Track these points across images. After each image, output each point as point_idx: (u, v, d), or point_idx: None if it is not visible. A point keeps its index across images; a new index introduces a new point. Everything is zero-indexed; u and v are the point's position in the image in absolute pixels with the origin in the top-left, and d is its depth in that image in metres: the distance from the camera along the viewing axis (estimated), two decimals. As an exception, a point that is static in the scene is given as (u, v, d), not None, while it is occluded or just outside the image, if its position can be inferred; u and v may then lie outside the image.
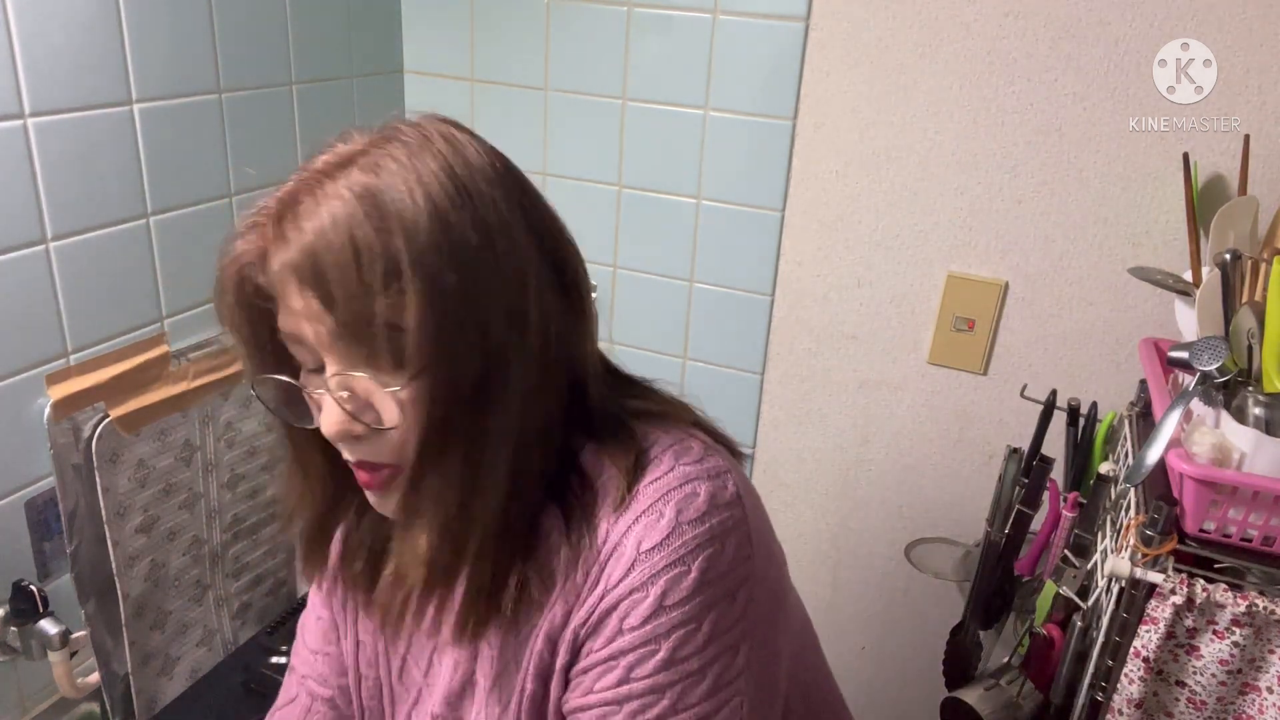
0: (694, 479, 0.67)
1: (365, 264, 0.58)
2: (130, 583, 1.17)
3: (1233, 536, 0.90)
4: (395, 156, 0.61)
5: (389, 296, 0.58)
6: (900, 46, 1.24)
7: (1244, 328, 0.94)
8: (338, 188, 0.60)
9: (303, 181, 0.62)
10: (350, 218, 0.59)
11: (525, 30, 1.43)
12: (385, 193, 0.60)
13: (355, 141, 0.64)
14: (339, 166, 0.62)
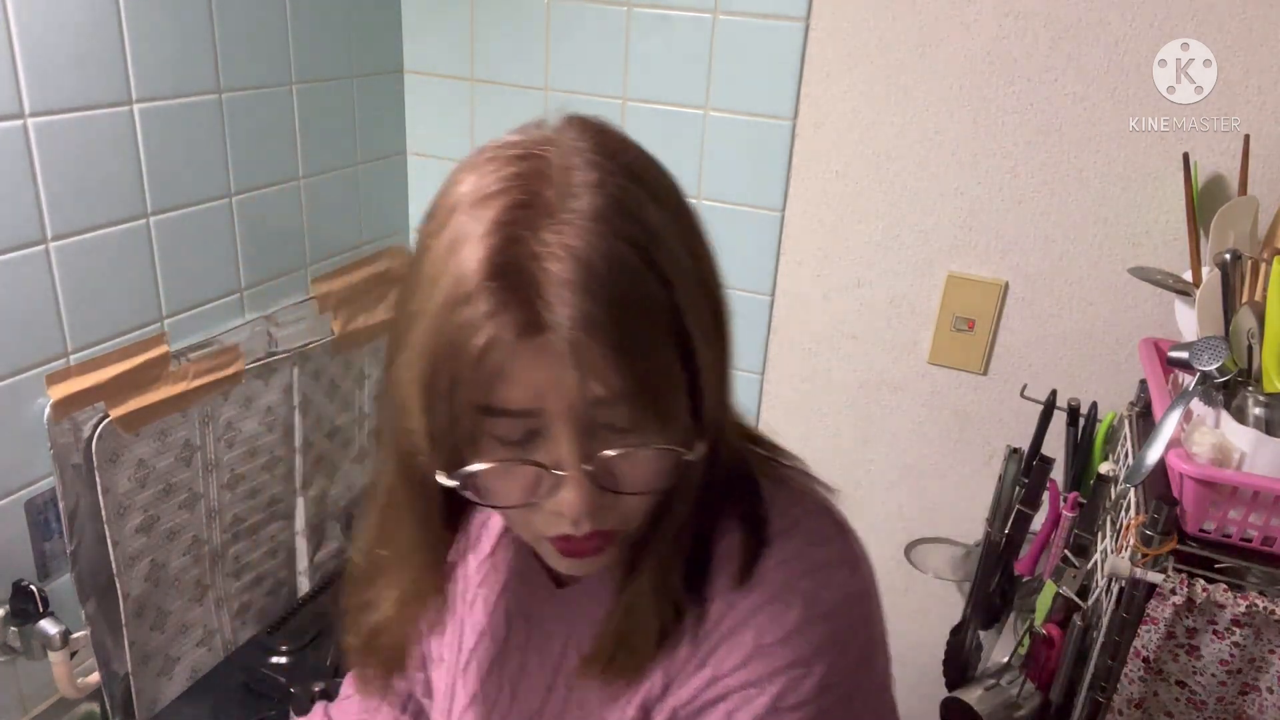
0: (824, 567, 0.61)
1: (655, 313, 0.52)
2: (130, 583, 1.17)
3: (1233, 536, 0.90)
4: (628, 184, 0.54)
5: (679, 347, 0.53)
6: (900, 46, 1.24)
7: (1244, 328, 0.94)
8: (589, 226, 0.51)
9: (505, 220, 0.52)
10: (624, 260, 0.51)
11: (525, 30, 1.43)
12: (648, 228, 0.53)
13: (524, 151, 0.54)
14: (566, 197, 0.52)
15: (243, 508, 1.35)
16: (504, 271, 0.50)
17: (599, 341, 0.50)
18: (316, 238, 1.40)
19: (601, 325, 0.50)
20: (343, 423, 1.52)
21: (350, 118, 1.43)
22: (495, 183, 0.53)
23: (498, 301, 0.50)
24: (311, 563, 1.49)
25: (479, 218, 0.52)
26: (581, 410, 0.52)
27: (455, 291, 0.51)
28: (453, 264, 0.51)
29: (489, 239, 0.51)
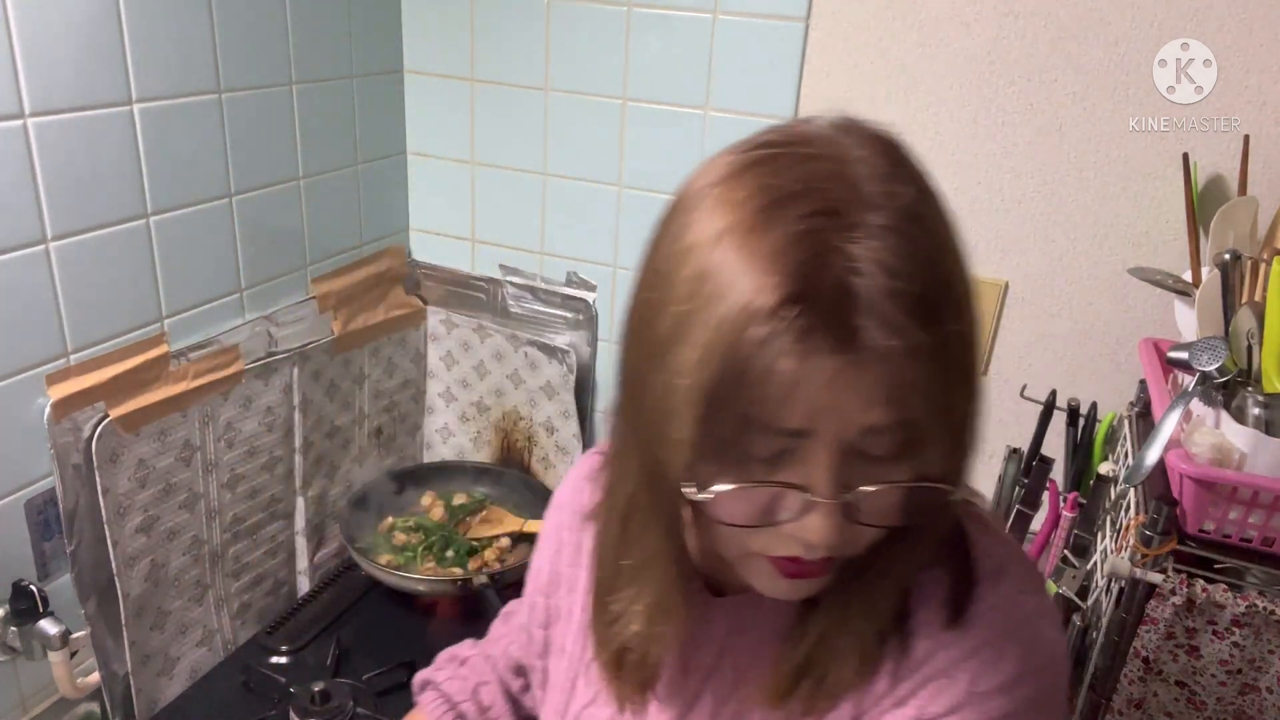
0: (1036, 618, 0.59)
1: (957, 334, 0.49)
2: (130, 583, 1.17)
3: (1232, 537, 0.90)
4: (922, 195, 0.51)
5: (968, 372, 0.51)
6: (900, 46, 1.24)
7: (1244, 328, 0.94)
8: (896, 240, 0.47)
9: (807, 228, 0.48)
10: (930, 275, 0.48)
11: (525, 30, 1.43)
12: (941, 242, 0.50)
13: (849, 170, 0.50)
14: (868, 207, 0.48)
15: (243, 508, 1.35)
16: (813, 286, 0.46)
17: (914, 363, 0.47)
18: (316, 238, 1.40)
19: (919, 346, 0.47)
20: (343, 423, 1.52)
21: (350, 118, 1.43)
22: (791, 183, 0.49)
23: (805, 319, 0.46)
24: (311, 563, 1.49)
25: (775, 221, 0.48)
26: (854, 437, 0.49)
27: (752, 303, 0.47)
28: (745, 271, 0.47)
29: (793, 249, 0.47)
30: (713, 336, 0.48)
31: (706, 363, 0.48)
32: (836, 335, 0.46)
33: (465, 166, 1.55)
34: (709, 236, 0.49)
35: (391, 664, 1.30)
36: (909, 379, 0.47)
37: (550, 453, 1.62)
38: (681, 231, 0.52)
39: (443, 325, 1.64)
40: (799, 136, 0.52)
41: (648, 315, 0.53)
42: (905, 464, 0.51)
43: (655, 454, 0.54)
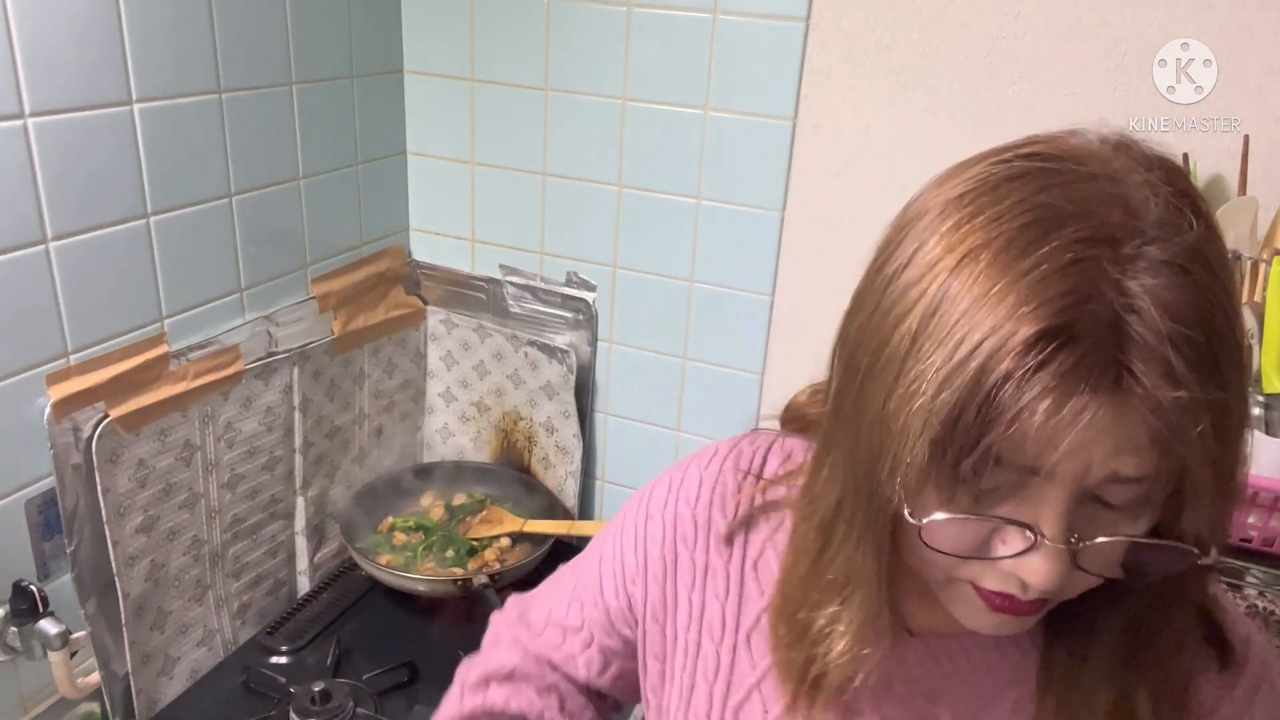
0: (1260, 633, 0.60)
1: (1235, 388, 0.46)
2: (130, 583, 1.17)
3: (1232, 537, 0.90)
4: (1206, 231, 0.46)
5: (1236, 428, 0.48)
6: (900, 46, 1.24)
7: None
8: (1178, 276, 0.44)
9: (1078, 257, 0.44)
10: (1213, 319, 0.44)
11: (525, 30, 1.43)
12: (1225, 285, 0.46)
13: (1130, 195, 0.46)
14: (1149, 238, 0.45)
15: (243, 508, 1.35)
16: (1081, 321, 0.43)
17: (1185, 417, 0.43)
18: (316, 238, 1.40)
19: (1195, 401, 0.43)
20: (343, 423, 1.52)
21: (350, 118, 1.43)
22: (1063, 202, 0.45)
23: (1068, 357, 0.43)
24: (311, 563, 1.49)
25: (1039, 243, 0.44)
26: (1095, 483, 0.46)
27: (1006, 333, 0.43)
28: (1001, 297, 0.44)
29: (1059, 277, 0.43)
30: (960, 361, 0.45)
31: (949, 388, 0.45)
32: (1102, 376, 0.43)
33: (465, 166, 1.55)
34: (961, 251, 0.46)
35: (391, 664, 1.30)
36: (1175, 433, 0.44)
37: (550, 453, 1.62)
38: (927, 238, 0.49)
39: (443, 325, 1.64)
40: (1072, 151, 0.48)
41: (883, 321, 0.50)
42: (1144, 517, 0.48)
43: (875, 469, 0.50)
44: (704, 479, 0.71)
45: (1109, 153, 0.48)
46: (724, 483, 0.71)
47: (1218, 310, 0.44)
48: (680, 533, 0.70)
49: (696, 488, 0.71)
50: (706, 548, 0.69)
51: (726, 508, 0.69)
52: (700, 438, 1.53)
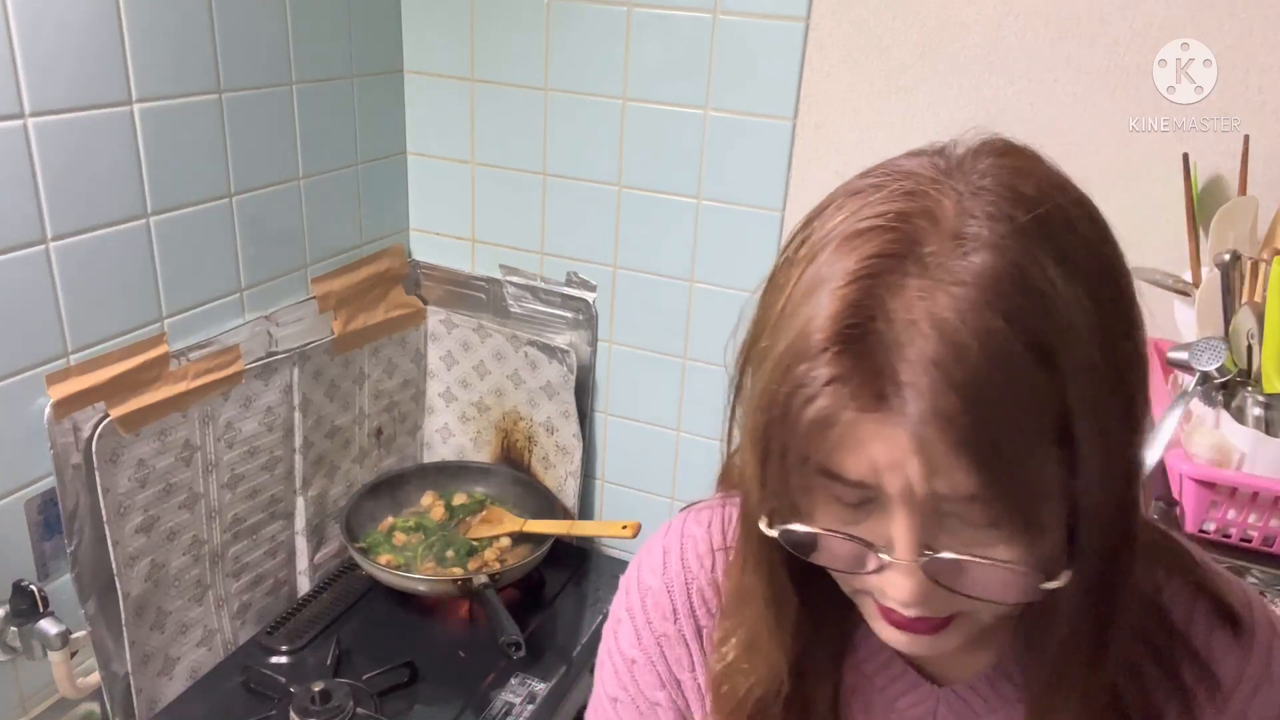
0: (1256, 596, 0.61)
1: (1032, 413, 0.42)
2: (130, 583, 1.17)
3: (1232, 537, 0.90)
4: (1013, 219, 0.44)
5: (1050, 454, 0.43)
6: (900, 46, 1.24)
7: (1243, 328, 0.94)
8: (969, 295, 0.42)
9: (868, 274, 0.44)
10: (1003, 344, 0.42)
11: (525, 30, 1.43)
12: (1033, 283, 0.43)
13: (914, 190, 0.47)
14: (950, 253, 0.43)
15: (243, 508, 1.35)
16: (853, 334, 0.43)
17: (950, 440, 0.42)
18: (316, 238, 1.40)
19: (956, 422, 0.42)
20: (343, 423, 1.52)
21: (350, 118, 1.43)
22: (872, 219, 0.45)
23: (840, 367, 0.43)
24: (311, 563, 1.49)
25: (842, 258, 0.45)
26: (924, 499, 0.45)
27: (800, 344, 0.44)
28: (805, 309, 0.45)
29: (846, 290, 0.44)
30: (768, 370, 0.46)
31: (760, 397, 0.46)
32: (871, 393, 0.43)
33: (465, 166, 1.55)
34: (797, 271, 0.47)
35: (391, 664, 1.30)
36: (946, 453, 0.42)
37: (550, 453, 1.62)
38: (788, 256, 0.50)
39: (443, 325, 1.64)
40: (913, 164, 0.49)
41: (755, 333, 0.51)
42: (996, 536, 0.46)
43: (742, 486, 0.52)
44: (666, 547, 0.67)
45: (956, 163, 0.48)
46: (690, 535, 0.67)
47: (1019, 330, 0.42)
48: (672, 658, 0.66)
49: (661, 557, 0.67)
50: (691, 611, 0.66)
51: (703, 558, 0.65)
52: (700, 438, 1.53)
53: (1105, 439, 0.44)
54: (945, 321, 0.42)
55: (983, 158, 0.48)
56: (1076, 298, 0.43)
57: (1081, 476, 0.44)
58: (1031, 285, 0.43)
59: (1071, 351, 0.43)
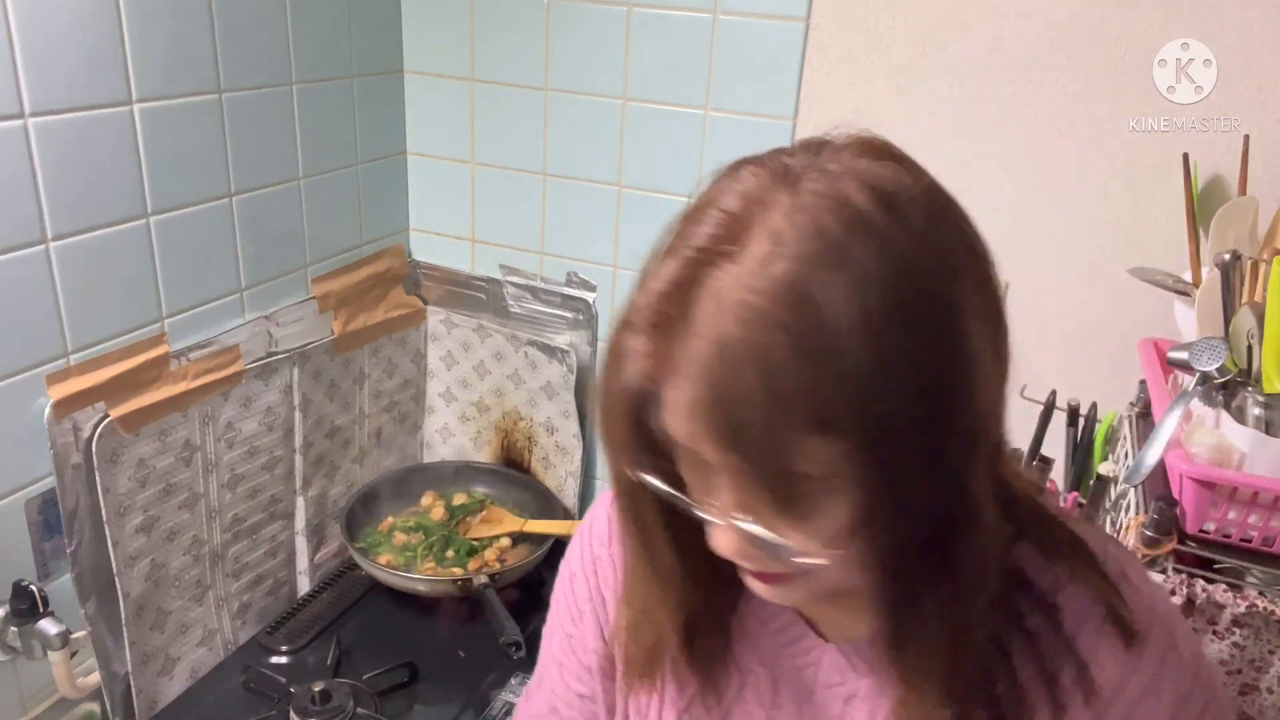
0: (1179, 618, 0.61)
1: (786, 405, 0.45)
2: (130, 583, 1.17)
3: (1233, 537, 0.90)
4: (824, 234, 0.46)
5: (816, 448, 0.46)
6: (900, 46, 1.24)
7: (1244, 328, 0.94)
8: (745, 280, 0.46)
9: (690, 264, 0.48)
10: (766, 338, 0.45)
11: (525, 30, 1.43)
12: (812, 298, 0.45)
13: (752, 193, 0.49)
14: (736, 238, 0.47)
15: (243, 508, 1.35)
16: (664, 316, 0.48)
17: (707, 426, 0.47)
18: (316, 238, 1.40)
19: (712, 411, 0.46)
20: (343, 423, 1.52)
21: (350, 118, 1.43)
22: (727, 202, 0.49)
23: (649, 343, 0.49)
24: (311, 563, 1.49)
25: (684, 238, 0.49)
26: (716, 479, 0.51)
27: (629, 314, 0.50)
28: (647, 282, 0.50)
29: (673, 271, 0.48)
30: (610, 330, 0.52)
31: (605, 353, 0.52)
32: (665, 374, 0.48)
33: (465, 166, 1.55)
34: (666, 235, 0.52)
35: (391, 664, 1.30)
36: (710, 445, 0.48)
37: (550, 453, 1.62)
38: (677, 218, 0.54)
39: (443, 325, 1.64)
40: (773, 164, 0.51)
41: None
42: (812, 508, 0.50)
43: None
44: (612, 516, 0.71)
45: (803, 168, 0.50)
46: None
47: (792, 340, 0.45)
48: (601, 576, 0.73)
49: (607, 527, 0.73)
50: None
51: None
52: (700, 438, 1.53)
53: (887, 436, 0.46)
54: (723, 327, 0.45)
55: (836, 161, 0.50)
56: (867, 315, 0.45)
57: (865, 469, 0.47)
58: (812, 301, 0.45)
59: (841, 362, 0.45)
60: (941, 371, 0.48)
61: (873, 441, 0.46)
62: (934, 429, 0.48)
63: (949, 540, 0.51)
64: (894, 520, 0.49)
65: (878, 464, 0.47)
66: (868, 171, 0.49)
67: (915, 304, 0.47)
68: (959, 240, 0.52)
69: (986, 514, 0.52)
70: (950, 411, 0.49)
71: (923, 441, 0.48)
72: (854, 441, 0.46)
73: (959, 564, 0.52)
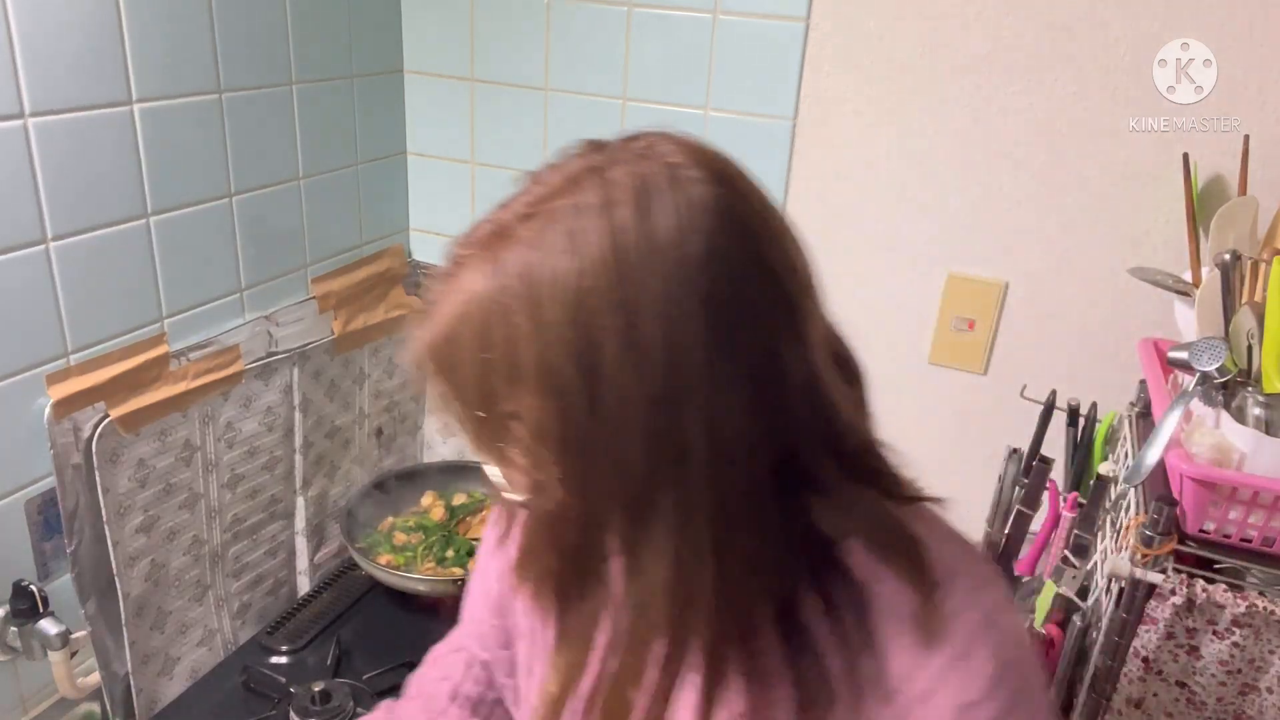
0: (995, 611, 0.60)
1: (492, 366, 0.54)
2: (130, 583, 1.17)
3: (1232, 537, 0.90)
4: (564, 223, 0.53)
5: (511, 404, 0.55)
6: (900, 46, 1.24)
7: (1244, 328, 0.94)
8: (488, 263, 0.54)
9: (463, 248, 0.56)
10: (486, 309, 0.53)
11: (525, 30, 1.43)
12: (531, 280, 0.52)
13: (539, 188, 0.55)
14: (502, 231, 0.55)
15: (243, 508, 1.35)
16: (430, 295, 0.58)
17: (436, 381, 0.57)
18: (316, 238, 1.40)
19: (435, 381, 0.57)
20: (343, 423, 1.52)
21: (350, 118, 1.43)
22: (524, 181, 0.57)
23: (431, 290, 0.58)
24: (311, 563, 1.49)
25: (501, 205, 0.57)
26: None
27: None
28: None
29: (452, 254, 0.57)
30: None
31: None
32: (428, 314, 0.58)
33: (465, 166, 1.55)
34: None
35: (391, 664, 1.30)
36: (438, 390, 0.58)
37: (550, 453, 1.62)
38: None
39: (443, 325, 1.64)
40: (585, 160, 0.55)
41: None
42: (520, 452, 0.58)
43: None
44: None
45: (596, 165, 0.54)
46: None
47: (520, 311, 0.52)
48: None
49: None
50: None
51: None
52: (700, 438, 1.53)
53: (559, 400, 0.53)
54: (465, 289, 0.54)
55: (621, 163, 0.54)
56: (554, 323, 0.52)
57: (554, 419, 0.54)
58: (497, 310, 0.53)
59: (519, 357, 0.53)
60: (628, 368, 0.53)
61: (555, 414, 0.54)
62: (609, 421, 0.53)
63: (656, 488, 0.55)
64: (590, 469, 0.55)
65: (567, 417, 0.54)
66: (639, 166, 0.53)
67: (624, 287, 0.52)
68: (689, 234, 0.53)
69: (703, 469, 0.54)
70: (628, 412, 0.53)
71: (598, 434, 0.54)
72: (539, 410, 0.54)
73: (664, 510, 0.55)
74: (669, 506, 0.55)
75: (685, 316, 0.52)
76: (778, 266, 0.57)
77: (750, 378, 0.55)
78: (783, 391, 0.56)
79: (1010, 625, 0.62)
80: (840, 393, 0.61)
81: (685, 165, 0.54)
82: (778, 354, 0.56)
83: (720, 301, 0.53)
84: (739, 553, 0.57)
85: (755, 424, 0.55)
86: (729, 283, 0.53)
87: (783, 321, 0.57)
